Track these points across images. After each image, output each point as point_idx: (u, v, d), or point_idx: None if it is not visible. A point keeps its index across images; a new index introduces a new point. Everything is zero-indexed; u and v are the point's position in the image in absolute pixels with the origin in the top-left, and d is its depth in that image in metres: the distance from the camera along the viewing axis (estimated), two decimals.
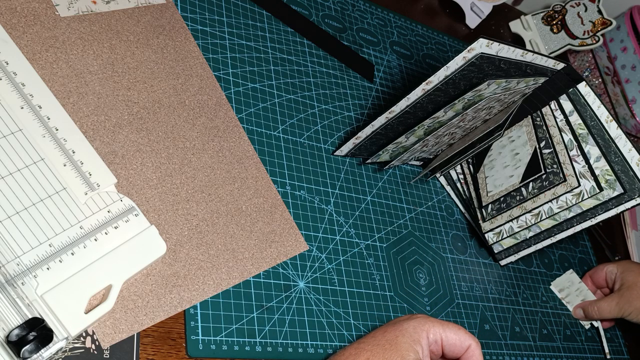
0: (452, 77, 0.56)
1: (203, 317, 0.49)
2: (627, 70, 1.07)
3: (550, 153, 0.64)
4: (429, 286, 0.66)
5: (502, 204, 0.68)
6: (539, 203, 0.65)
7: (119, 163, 0.51)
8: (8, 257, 0.42)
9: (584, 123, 0.61)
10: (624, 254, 0.95)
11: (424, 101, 0.59)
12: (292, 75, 0.70)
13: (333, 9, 0.82)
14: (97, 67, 0.55)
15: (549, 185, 0.64)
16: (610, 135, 0.59)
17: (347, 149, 0.66)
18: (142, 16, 0.61)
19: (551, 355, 0.72)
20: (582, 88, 0.62)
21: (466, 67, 0.54)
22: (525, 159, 0.66)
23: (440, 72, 0.55)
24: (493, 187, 0.68)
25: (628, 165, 0.59)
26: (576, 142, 0.62)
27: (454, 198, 0.75)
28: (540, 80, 0.63)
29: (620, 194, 0.60)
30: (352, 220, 0.64)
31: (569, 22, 1.05)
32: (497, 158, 0.67)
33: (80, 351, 0.43)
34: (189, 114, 0.58)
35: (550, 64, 0.61)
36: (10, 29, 0.52)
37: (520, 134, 0.65)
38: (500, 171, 0.68)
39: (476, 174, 0.69)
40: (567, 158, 0.63)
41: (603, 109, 0.60)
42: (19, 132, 0.47)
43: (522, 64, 0.58)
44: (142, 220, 0.49)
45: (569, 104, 0.63)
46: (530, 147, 0.65)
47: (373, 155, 0.67)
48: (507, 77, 0.59)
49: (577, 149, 0.61)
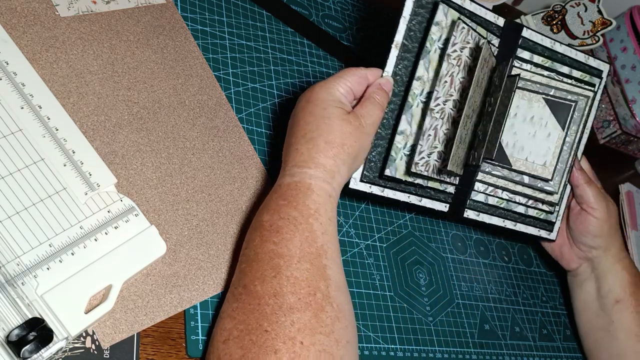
0: (411, 25, 0.57)
1: (203, 317, 0.49)
2: (627, 70, 1.07)
3: (554, 91, 0.65)
4: (429, 286, 0.66)
5: (561, 163, 0.66)
6: (579, 133, 0.67)
7: (119, 163, 0.51)
8: (8, 257, 0.42)
9: (545, 57, 0.66)
10: None
11: (400, 72, 0.57)
12: (292, 75, 0.70)
13: (333, 9, 0.82)
14: (97, 67, 0.55)
15: (579, 111, 0.66)
16: (560, 51, 0.68)
17: (358, 174, 0.58)
18: (142, 16, 0.61)
19: (551, 355, 0.72)
20: (525, 32, 0.65)
21: (416, 8, 0.57)
22: (546, 111, 0.65)
23: (401, 25, 0.57)
24: (542, 157, 0.65)
25: (584, 64, 0.69)
26: (552, 71, 0.66)
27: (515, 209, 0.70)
28: (492, 39, 0.63)
29: (598, 83, 0.69)
30: (352, 220, 0.64)
31: (569, 22, 1.05)
32: (517, 139, 0.64)
33: (80, 351, 0.43)
34: (189, 114, 0.58)
35: (491, 18, 0.63)
36: (10, 29, 0.52)
37: (516, 103, 0.64)
38: (533, 143, 0.65)
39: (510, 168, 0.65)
40: (563, 84, 0.65)
41: (545, 38, 0.66)
42: (19, 132, 0.47)
43: (465, 10, 0.61)
44: (142, 220, 0.49)
45: (525, 52, 0.65)
46: (538, 102, 0.64)
47: (387, 162, 0.58)
48: (460, 13, 0.59)
49: (558, 75, 0.66)
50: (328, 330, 0.43)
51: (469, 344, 0.65)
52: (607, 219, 0.68)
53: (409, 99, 0.58)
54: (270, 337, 0.41)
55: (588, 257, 0.70)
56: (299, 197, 0.48)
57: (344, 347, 0.44)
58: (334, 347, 0.43)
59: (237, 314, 0.44)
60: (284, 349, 0.41)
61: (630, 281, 0.69)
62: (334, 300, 0.45)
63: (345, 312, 0.45)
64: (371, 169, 0.57)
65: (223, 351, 0.42)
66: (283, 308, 0.43)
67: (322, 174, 0.49)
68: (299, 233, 0.46)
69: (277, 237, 0.46)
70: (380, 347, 0.58)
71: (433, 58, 0.58)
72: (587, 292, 0.71)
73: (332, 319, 0.44)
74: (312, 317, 0.43)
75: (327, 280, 0.45)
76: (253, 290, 0.44)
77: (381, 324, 0.59)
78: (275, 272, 0.44)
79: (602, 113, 1.12)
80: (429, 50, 0.58)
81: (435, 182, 0.61)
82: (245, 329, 0.42)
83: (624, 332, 0.67)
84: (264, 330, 0.42)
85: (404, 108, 0.57)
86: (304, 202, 0.48)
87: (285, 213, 0.47)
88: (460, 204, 0.64)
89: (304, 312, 0.43)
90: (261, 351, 0.41)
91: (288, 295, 0.43)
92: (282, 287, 0.44)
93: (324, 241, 0.47)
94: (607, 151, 1.15)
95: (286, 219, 0.47)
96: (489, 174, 0.65)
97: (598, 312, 0.70)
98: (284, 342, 0.41)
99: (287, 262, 0.45)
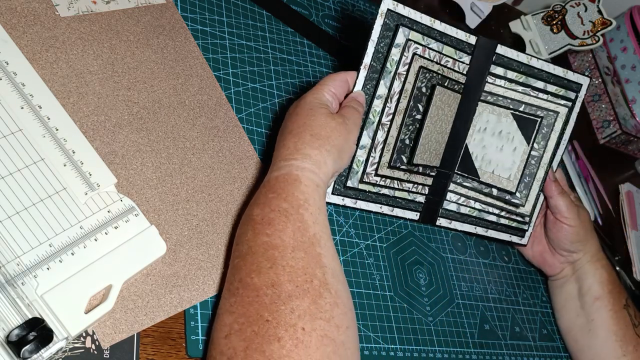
0: (378, 47, 0.59)
1: (203, 317, 0.49)
2: (627, 70, 1.07)
3: (524, 107, 0.66)
4: (429, 286, 0.66)
5: (528, 177, 0.67)
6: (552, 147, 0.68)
7: (119, 163, 0.51)
8: (8, 257, 0.42)
9: (519, 72, 0.67)
10: (624, 254, 0.95)
11: (369, 90, 0.60)
12: (292, 75, 0.70)
13: (333, 9, 0.82)
14: (97, 67, 0.55)
15: (548, 126, 0.67)
16: (536, 66, 0.68)
17: (330, 188, 0.60)
18: (142, 16, 0.61)
19: (551, 355, 0.72)
20: (500, 49, 0.66)
21: (384, 32, 0.59)
22: (513, 126, 0.66)
23: (369, 48, 0.59)
24: (507, 171, 0.67)
25: (563, 79, 0.69)
26: (527, 87, 0.67)
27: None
28: (463, 57, 0.64)
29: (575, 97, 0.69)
30: (352, 220, 0.64)
31: (569, 22, 1.05)
32: (486, 152, 0.66)
33: (80, 351, 0.43)
34: (189, 114, 0.58)
35: (462, 37, 0.64)
36: (10, 29, 0.52)
37: (486, 118, 0.66)
38: (500, 156, 0.67)
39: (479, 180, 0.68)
40: (536, 99, 0.66)
41: (521, 54, 0.67)
42: (19, 132, 0.47)
43: (435, 30, 0.62)
44: (142, 220, 0.49)
45: (499, 69, 0.66)
46: (506, 116, 0.66)
47: (349, 174, 0.60)
48: (424, 35, 0.61)
49: (533, 91, 0.67)
50: (328, 315, 0.43)
51: (469, 344, 0.65)
52: (581, 225, 0.71)
53: (370, 115, 0.60)
54: (271, 326, 0.42)
55: (569, 261, 0.73)
56: (287, 188, 0.49)
57: (344, 332, 0.44)
58: (335, 333, 0.43)
59: (236, 308, 0.44)
60: (287, 336, 0.41)
61: (608, 279, 0.71)
62: (332, 287, 0.45)
63: (344, 299, 0.46)
64: (341, 182, 0.60)
65: (226, 346, 0.42)
66: (282, 297, 0.43)
67: (309, 165, 0.50)
68: (291, 223, 0.47)
69: (270, 229, 0.47)
70: (380, 347, 0.58)
71: (391, 77, 0.61)
72: (568, 293, 0.73)
73: (331, 305, 0.44)
74: (311, 303, 0.43)
75: (323, 268, 0.46)
76: (250, 283, 0.44)
77: (381, 324, 0.59)
78: (270, 263, 0.45)
79: (602, 113, 1.12)
80: (390, 70, 0.60)
81: (402, 192, 0.64)
82: (246, 322, 0.42)
83: (603, 330, 0.69)
84: (265, 320, 0.42)
85: (366, 124, 0.60)
86: (293, 193, 0.49)
87: (275, 205, 0.48)
88: (432, 212, 0.66)
89: (302, 299, 0.43)
90: (264, 341, 0.41)
91: (285, 284, 0.44)
92: (279, 276, 0.44)
93: (316, 230, 0.48)
94: (607, 151, 1.15)
95: (277, 211, 0.47)
96: (460, 185, 0.67)
97: (578, 311, 0.72)
98: (286, 329, 0.42)
99: (282, 253, 0.45)
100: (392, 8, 0.59)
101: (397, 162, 0.63)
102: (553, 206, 0.70)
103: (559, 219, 0.70)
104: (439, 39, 0.63)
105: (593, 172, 1.04)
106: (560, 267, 0.73)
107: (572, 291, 0.73)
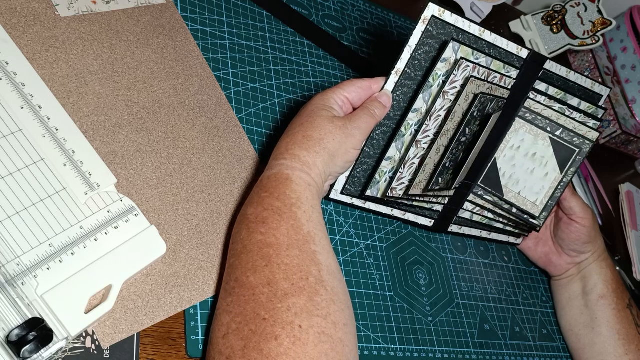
0: (416, 55, 0.56)
1: (203, 317, 0.49)
2: (627, 70, 1.07)
3: (562, 131, 0.64)
4: (429, 286, 0.66)
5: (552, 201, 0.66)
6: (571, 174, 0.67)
7: (119, 163, 0.51)
8: (8, 257, 0.42)
9: (559, 89, 0.65)
10: (624, 254, 0.95)
11: (398, 97, 0.58)
12: (292, 75, 0.70)
13: (333, 9, 0.82)
14: (97, 67, 0.55)
15: (582, 154, 0.65)
16: (572, 80, 0.67)
17: (340, 186, 0.61)
18: (142, 16, 0.61)
19: (551, 355, 0.72)
20: (547, 66, 0.64)
21: (425, 39, 0.56)
22: (549, 151, 0.65)
23: (405, 53, 0.56)
24: (534, 195, 0.66)
25: (589, 91, 0.68)
26: (564, 105, 0.65)
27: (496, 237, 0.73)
28: (511, 72, 0.62)
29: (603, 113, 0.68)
30: (352, 220, 0.64)
31: (569, 22, 1.05)
32: (515, 172, 0.65)
33: (80, 351, 0.43)
34: (189, 114, 0.58)
35: (513, 49, 0.61)
36: (10, 29, 0.52)
37: (521, 136, 0.64)
38: (529, 178, 0.65)
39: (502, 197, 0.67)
40: (571, 122, 0.64)
41: (562, 68, 0.66)
42: (19, 132, 0.47)
43: (483, 41, 0.59)
44: (142, 220, 0.49)
45: (542, 84, 0.64)
46: (543, 139, 0.64)
47: (369, 183, 0.60)
48: (474, 49, 0.58)
49: (568, 109, 0.65)
50: (324, 312, 0.44)
51: (469, 344, 0.65)
52: (593, 225, 0.71)
53: (402, 128, 0.59)
54: (269, 324, 0.42)
55: (576, 261, 0.73)
56: (279, 187, 0.49)
57: (342, 329, 0.44)
58: (332, 330, 0.43)
59: (233, 307, 0.44)
60: (284, 334, 0.41)
61: (612, 278, 0.72)
62: (328, 284, 0.45)
63: (340, 296, 0.46)
64: (354, 184, 0.59)
65: (224, 346, 0.42)
66: (278, 295, 0.43)
67: (298, 165, 0.51)
68: (285, 222, 0.47)
69: (264, 228, 0.47)
70: (380, 347, 0.58)
71: (433, 92, 0.59)
72: (572, 291, 0.74)
73: (328, 302, 0.44)
74: (308, 300, 0.43)
75: (319, 265, 0.46)
76: (246, 282, 0.44)
77: (381, 324, 0.59)
78: (266, 261, 0.45)
79: None
80: (431, 84, 0.58)
81: (422, 203, 0.63)
82: (244, 320, 0.43)
83: (607, 328, 0.70)
84: (262, 319, 0.42)
85: (396, 136, 0.58)
86: (284, 192, 0.49)
87: (268, 204, 0.48)
88: (446, 220, 0.66)
89: (298, 296, 0.43)
90: (262, 339, 0.41)
91: (281, 282, 0.44)
92: (274, 275, 0.44)
93: (310, 228, 0.48)
94: (607, 151, 1.15)
95: (270, 209, 0.48)
96: (480, 197, 0.67)
97: (582, 309, 0.72)
98: (283, 327, 0.42)
99: (277, 251, 0.45)
100: (438, 15, 0.56)
101: (434, 185, 0.61)
102: (567, 208, 0.70)
103: (575, 219, 0.70)
104: (487, 52, 0.59)
105: (593, 172, 1.04)
106: (566, 268, 0.74)
107: (576, 289, 0.73)
